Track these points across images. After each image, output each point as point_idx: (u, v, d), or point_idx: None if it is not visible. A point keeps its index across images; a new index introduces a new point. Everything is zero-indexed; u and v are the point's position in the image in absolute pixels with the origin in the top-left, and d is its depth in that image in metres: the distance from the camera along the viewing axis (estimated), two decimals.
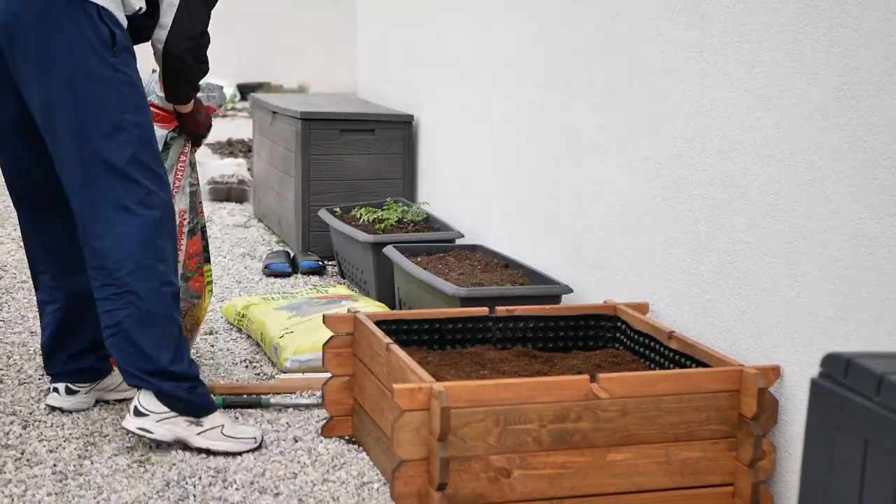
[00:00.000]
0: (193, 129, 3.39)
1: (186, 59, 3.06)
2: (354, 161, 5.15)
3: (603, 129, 3.56)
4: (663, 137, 3.20)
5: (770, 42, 2.73)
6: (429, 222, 4.73)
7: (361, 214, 4.74)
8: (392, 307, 4.10)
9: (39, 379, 3.51)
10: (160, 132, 3.43)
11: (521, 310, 3.25)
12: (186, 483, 2.83)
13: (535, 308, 3.28)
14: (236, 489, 2.82)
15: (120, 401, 3.31)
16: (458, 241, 4.40)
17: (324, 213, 4.82)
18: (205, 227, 3.51)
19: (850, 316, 2.48)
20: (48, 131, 2.86)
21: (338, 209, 4.90)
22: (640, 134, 3.33)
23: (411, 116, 5.28)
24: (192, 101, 3.30)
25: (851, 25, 2.46)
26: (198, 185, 3.50)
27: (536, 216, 4.08)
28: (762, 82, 2.76)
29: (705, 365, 2.82)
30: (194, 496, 2.77)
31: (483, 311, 3.22)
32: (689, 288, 3.09)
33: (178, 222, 3.31)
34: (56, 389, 3.23)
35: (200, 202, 3.48)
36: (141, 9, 2.91)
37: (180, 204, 3.35)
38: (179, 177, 3.42)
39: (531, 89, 4.08)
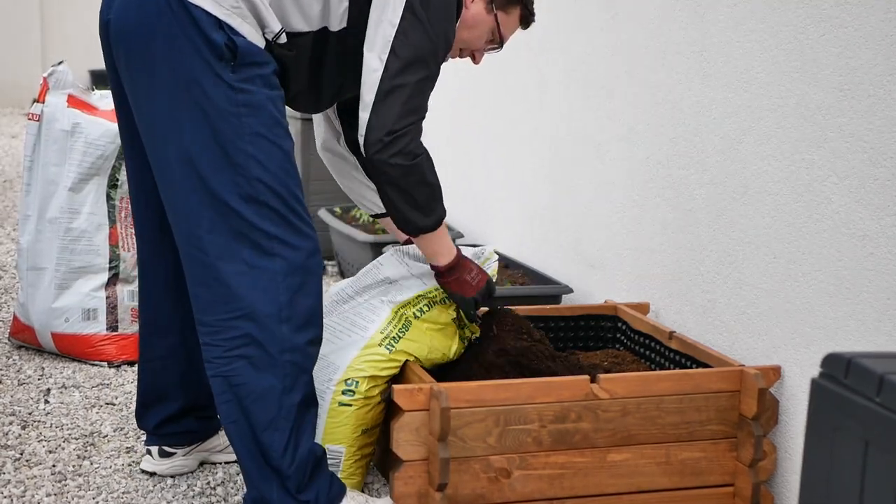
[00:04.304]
0: (459, 290, 2.67)
1: (388, 157, 2.42)
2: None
3: (603, 129, 3.56)
4: (663, 137, 3.20)
5: (770, 42, 2.72)
6: None
7: (361, 214, 4.74)
8: None
9: (39, 379, 3.51)
10: (114, 127, 3.42)
11: (521, 310, 3.24)
12: (186, 479, 2.83)
13: (535, 308, 3.28)
14: (233, 486, 2.82)
15: (230, 462, 2.95)
16: (458, 242, 4.40)
17: (324, 213, 4.82)
18: None
19: (851, 316, 2.48)
20: (152, 158, 2.45)
21: (338, 209, 4.89)
22: (640, 134, 3.33)
23: None
24: (437, 244, 2.61)
25: (852, 25, 2.46)
26: None
27: (537, 216, 4.08)
28: (762, 82, 2.75)
29: (706, 365, 2.82)
30: (194, 491, 2.77)
31: (483, 310, 3.21)
32: (689, 288, 3.09)
33: None
34: (149, 452, 2.86)
35: None
36: (281, 32, 2.41)
37: None
38: None
39: (532, 89, 4.08)
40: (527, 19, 2.70)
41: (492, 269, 2.84)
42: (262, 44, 2.40)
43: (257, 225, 2.37)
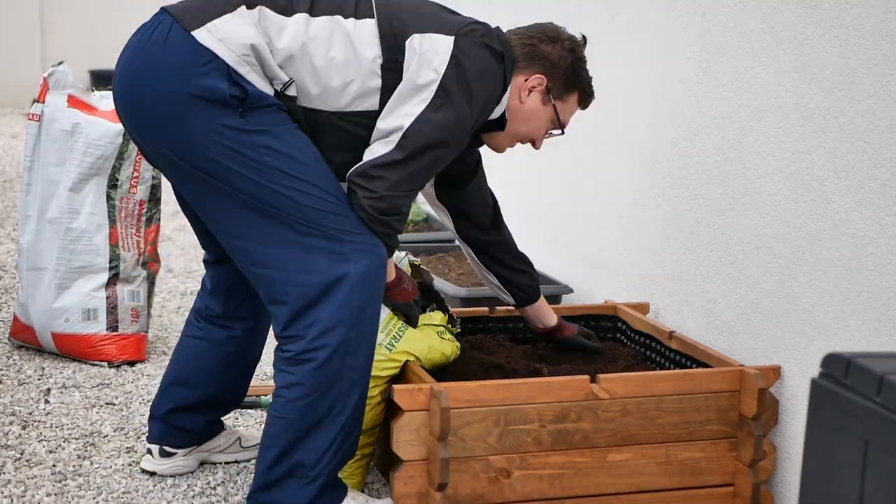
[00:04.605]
0: (400, 298, 2.70)
1: (365, 207, 2.39)
2: None
3: (603, 129, 3.56)
4: (663, 137, 3.20)
5: (770, 42, 2.72)
6: (428, 222, 4.73)
7: None
8: None
9: (39, 379, 3.51)
10: (115, 127, 3.55)
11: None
12: (185, 479, 2.83)
13: None
14: (233, 486, 2.82)
15: (230, 463, 2.97)
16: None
17: None
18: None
19: (851, 316, 2.48)
20: (199, 212, 2.51)
21: None
22: (640, 134, 3.33)
23: None
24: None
25: (851, 25, 2.46)
26: (160, 177, 3.66)
27: (536, 216, 4.08)
28: (762, 82, 2.75)
29: (706, 365, 2.82)
30: (194, 491, 2.77)
31: (483, 311, 3.22)
32: (689, 288, 3.09)
33: (138, 211, 3.62)
34: (150, 451, 2.86)
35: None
36: (290, 83, 2.38)
37: (140, 194, 3.62)
38: (138, 168, 3.63)
39: None
40: (586, 101, 2.66)
41: (404, 264, 2.88)
42: (271, 92, 2.38)
43: (320, 247, 2.38)
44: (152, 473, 2.86)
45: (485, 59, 2.43)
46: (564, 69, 2.58)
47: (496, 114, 2.55)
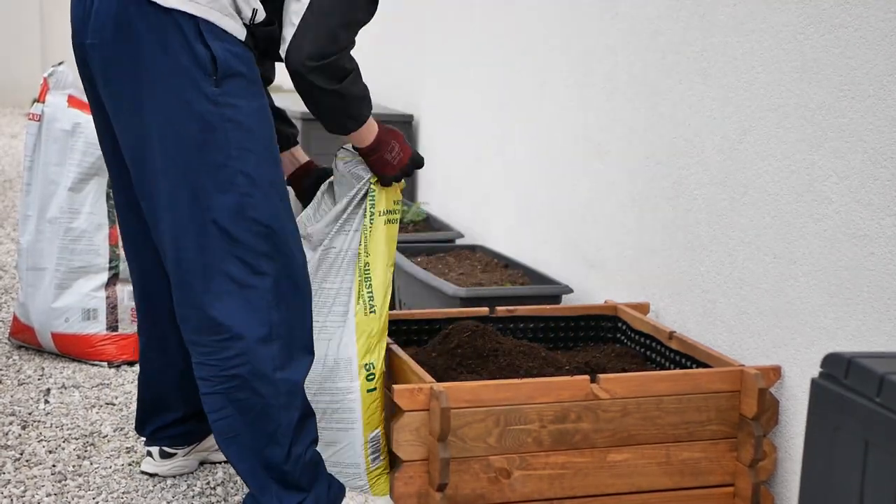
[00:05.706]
0: (381, 170, 2.61)
1: (312, 79, 2.34)
2: None
3: (603, 129, 3.56)
4: (663, 137, 3.20)
5: (770, 42, 2.72)
6: (429, 222, 4.72)
7: None
8: (392, 307, 4.10)
9: (38, 379, 3.51)
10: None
11: (521, 310, 3.24)
12: (185, 479, 2.83)
13: (535, 308, 3.28)
14: (233, 486, 2.82)
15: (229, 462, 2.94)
16: (458, 241, 4.40)
17: None
18: None
19: (851, 316, 2.48)
20: (136, 176, 2.39)
21: None
22: (640, 134, 3.33)
23: (411, 116, 5.28)
24: (363, 132, 2.54)
25: (852, 25, 2.46)
26: None
27: (536, 216, 4.08)
28: (762, 82, 2.75)
29: (706, 365, 2.82)
30: (194, 491, 2.77)
31: (483, 311, 3.22)
32: (690, 288, 3.09)
33: None
34: (150, 454, 2.87)
35: None
36: (256, 11, 2.35)
37: None
38: None
39: (531, 90, 4.08)
40: None
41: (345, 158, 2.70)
42: (243, 34, 2.32)
43: (246, 243, 2.34)
44: (153, 474, 2.86)
45: None
46: None
47: None
